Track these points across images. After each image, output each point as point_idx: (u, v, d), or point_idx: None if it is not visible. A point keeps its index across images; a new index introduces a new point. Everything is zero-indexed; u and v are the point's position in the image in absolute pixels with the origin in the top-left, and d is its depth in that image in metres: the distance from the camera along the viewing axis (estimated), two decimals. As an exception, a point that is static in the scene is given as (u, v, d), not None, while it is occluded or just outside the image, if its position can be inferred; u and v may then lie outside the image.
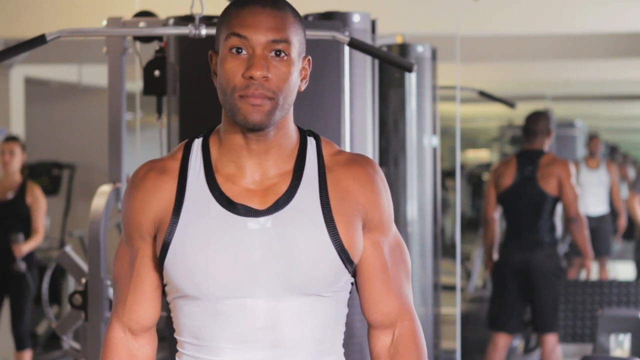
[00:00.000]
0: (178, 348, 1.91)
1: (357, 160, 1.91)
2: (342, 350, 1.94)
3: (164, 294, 1.94)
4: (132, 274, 1.92)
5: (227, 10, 1.85)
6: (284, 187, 1.85)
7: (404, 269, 1.95)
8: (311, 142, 1.91)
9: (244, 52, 1.80)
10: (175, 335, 1.92)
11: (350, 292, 1.94)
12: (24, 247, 6.38)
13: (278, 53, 1.81)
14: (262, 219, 1.83)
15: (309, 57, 1.90)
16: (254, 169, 1.86)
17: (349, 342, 3.16)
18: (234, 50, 1.81)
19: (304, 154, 1.88)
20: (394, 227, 1.95)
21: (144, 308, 1.93)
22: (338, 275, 1.86)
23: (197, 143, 1.90)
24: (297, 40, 1.84)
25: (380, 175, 1.92)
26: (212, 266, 1.81)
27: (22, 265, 6.37)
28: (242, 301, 1.83)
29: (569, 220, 5.58)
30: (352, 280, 1.93)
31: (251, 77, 1.78)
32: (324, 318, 1.87)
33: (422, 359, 1.92)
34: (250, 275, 1.82)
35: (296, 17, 1.85)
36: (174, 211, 1.85)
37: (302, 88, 1.88)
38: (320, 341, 1.87)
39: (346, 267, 1.86)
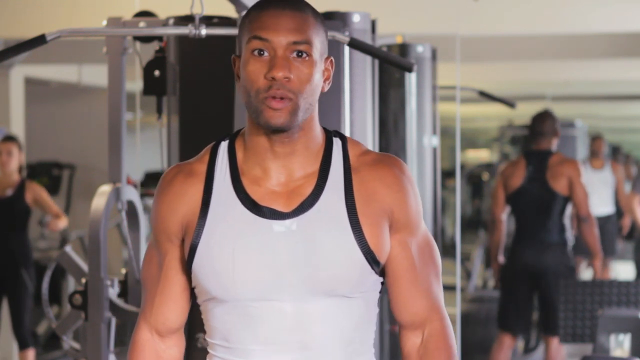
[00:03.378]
0: (209, 350, 1.92)
1: (383, 160, 1.91)
2: (373, 350, 1.94)
3: (193, 296, 1.94)
4: (160, 277, 1.93)
5: (247, 14, 1.86)
6: (309, 189, 1.85)
7: (434, 269, 1.94)
8: (337, 143, 1.91)
9: (265, 53, 1.81)
10: (207, 338, 1.93)
11: (380, 292, 1.93)
12: (60, 223, 6.52)
13: (300, 54, 1.81)
14: (287, 222, 1.83)
15: (332, 58, 1.90)
16: (279, 171, 1.86)
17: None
18: (255, 53, 1.81)
19: (329, 155, 1.89)
20: (423, 227, 1.94)
21: (170, 310, 1.94)
22: (364, 277, 1.85)
23: (224, 146, 1.91)
24: (318, 41, 1.84)
25: (407, 175, 1.91)
26: (239, 269, 1.82)
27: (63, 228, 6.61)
28: (269, 303, 1.83)
29: (580, 220, 5.57)
30: (382, 280, 1.92)
31: (273, 78, 1.79)
32: (352, 319, 1.87)
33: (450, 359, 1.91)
34: (277, 277, 1.82)
35: (317, 18, 1.86)
36: (200, 214, 1.86)
37: (326, 89, 1.89)
38: (349, 342, 1.87)
39: (372, 268, 1.86)
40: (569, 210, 5.63)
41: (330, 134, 1.93)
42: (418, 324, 1.92)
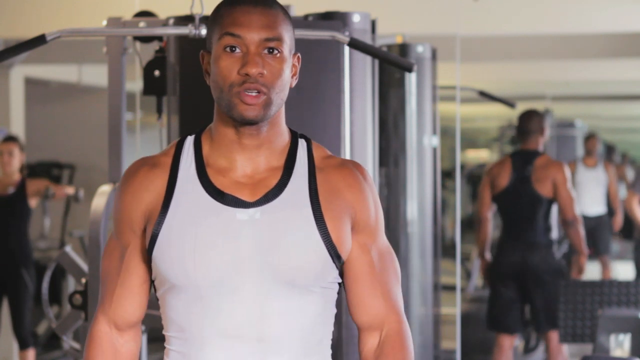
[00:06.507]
0: (165, 345, 1.92)
1: (347, 164, 1.94)
2: (330, 351, 1.94)
3: (153, 289, 1.95)
4: (121, 269, 1.93)
5: (218, 10, 1.88)
6: (274, 181, 1.88)
7: (394, 274, 1.96)
8: (302, 144, 1.94)
9: (238, 50, 1.84)
10: (164, 332, 1.92)
11: (339, 293, 1.95)
12: (67, 189, 6.53)
13: (271, 50, 1.84)
14: (251, 210, 1.85)
15: (298, 54, 1.93)
16: (245, 164, 1.89)
17: (350, 343, 3.16)
18: (227, 49, 1.84)
19: (294, 153, 1.92)
20: (384, 236, 1.96)
21: (129, 303, 1.94)
22: (325, 269, 1.87)
23: (189, 140, 1.94)
24: (288, 38, 1.87)
25: (369, 182, 1.94)
26: (200, 253, 1.83)
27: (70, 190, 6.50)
28: (229, 293, 1.83)
29: (565, 223, 5.59)
30: (340, 280, 1.94)
31: (247, 74, 1.82)
32: (310, 315, 1.88)
33: None
34: (238, 264, 1.83)
35: (286, 15, 1.89)
36: (163, 203, 1.87)
37: (293, 84, 1.92)
38: (306, 339, 1.88)
39: (334, 261, 1.88)
40: (554, 210, 5.64)
41: (296, 134, 1.95)
42: (376, 325, 1.94)
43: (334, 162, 1.93)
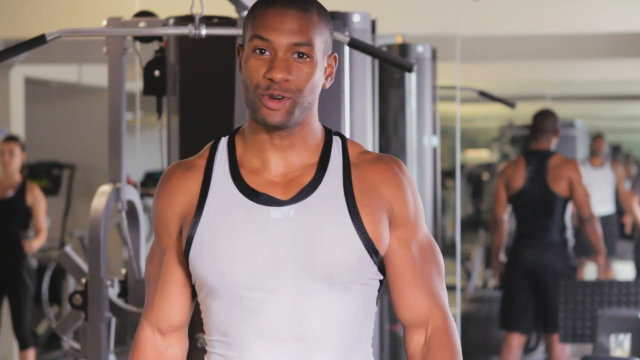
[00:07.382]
0: (207, 348, 1.92)
1: (383, 158, 1.92)
2: (371, 350, 1.93)
3: (194, 294, 1.94)
4: (160, 273, 1.94)
5: (252, 9, 1.87)
6: (307, 179, 1.87)
7: (436, 268, 1.93)
8: (337, 141, 1.93)
9: (267, 53, 1.83)
10: (205, 336, 1.92)
11: (379, 291, 1.93)
12: (35, 244, 6.43)
13: (301, 55, 1.83)
14: (285, 208, 1.84)
15: (335, 54, 1.91)
16: (278, 163, 1.88)
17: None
18: (257, 51, 1.83)
19: (328, 150, 1.90)
20: (424, 229, 1.94)
21: (170, 306, 1.94)
22: (363, 264, 1.85)
23: (223, 141, 1.93)
24: (321, 41, 1.85)
25: (407, 175, 1.92)
26: (236, 254, 1.83)
27: (33, 263, 6.42)
28: (266, 293, 1.83)
29: (583, 220, 5.59)
30: (381, 277, 1.92)
31: (271, 79, 1.81)
32: (350, 313, 1.87)
33: (454, 357, 1.91)
34: (274, 262, 1.83)
35: (322, 16, 1.87)
36: (198, 205, 1.87)
37: (327, 86, 1.91)
38: (346, 337, 1.87)
39: (371, 256, 1.86)
40: (569, 209, 5.64)
41: (330, 132, 1.94)
42: (420, 322, 1.92)
43: (369, 158, 1.91)
